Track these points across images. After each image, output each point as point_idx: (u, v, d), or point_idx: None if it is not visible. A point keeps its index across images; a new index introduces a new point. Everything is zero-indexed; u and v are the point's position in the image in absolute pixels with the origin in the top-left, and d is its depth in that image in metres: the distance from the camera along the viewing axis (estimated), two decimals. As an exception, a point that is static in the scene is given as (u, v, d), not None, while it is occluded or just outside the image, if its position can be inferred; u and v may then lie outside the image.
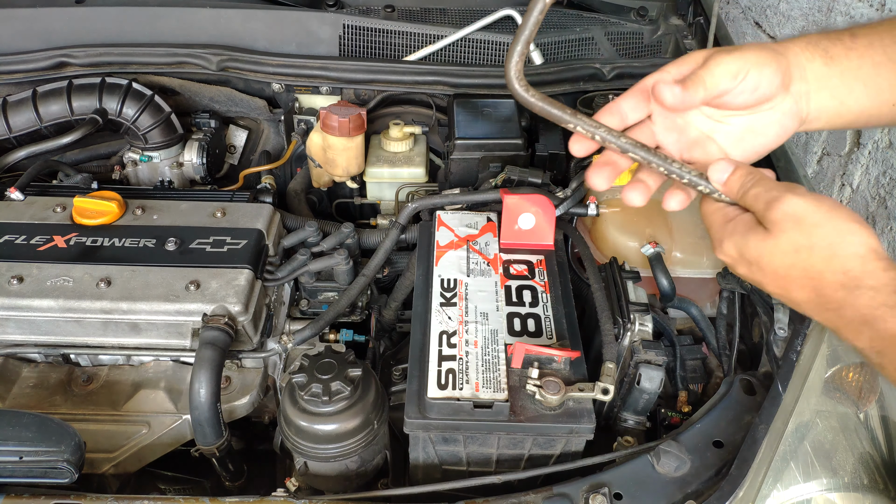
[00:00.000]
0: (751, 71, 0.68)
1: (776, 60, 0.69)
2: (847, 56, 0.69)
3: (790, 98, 0.71)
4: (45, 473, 0.84)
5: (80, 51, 1.44)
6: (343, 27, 1.51)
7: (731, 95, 0.70)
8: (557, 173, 1.40)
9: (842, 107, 0.72)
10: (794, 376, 0.92)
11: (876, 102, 0.72)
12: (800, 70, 0.70)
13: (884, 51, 0.69)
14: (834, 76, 0.70)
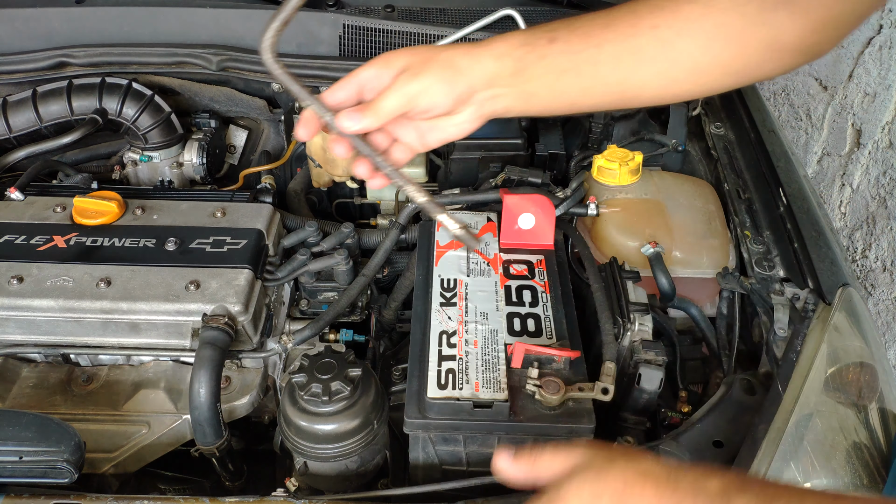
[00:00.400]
0: (423, 95, 0.74)
1: (453, 82, 0.74)
2: (538, 64, 0.75)
3: (472, 106, 0.77)
4: (44, 473, 0.84)
5: (80, 51, 1.44)
6: (343, 27, 1.51)
7: (409, 112, 0.77)
8: (557, 173, 1.40)
9: (527, 106, 0.80)
10: (793, 376, 0.91)
11: (557, 103, 0.80)
12: (487, 80, 0.75)
13: (570, 58, 0.75)
14: (522, 83, 0.76)
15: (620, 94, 0.80)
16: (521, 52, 0.75)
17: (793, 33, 0.76)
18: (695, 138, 1.49)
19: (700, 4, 0.76)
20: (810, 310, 0.99)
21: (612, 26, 0.76)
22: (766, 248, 1.15)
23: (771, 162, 1.25)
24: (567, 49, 0.75)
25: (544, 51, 0.75)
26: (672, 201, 1.25)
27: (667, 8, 0.76)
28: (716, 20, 0.76)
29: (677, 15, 0.76)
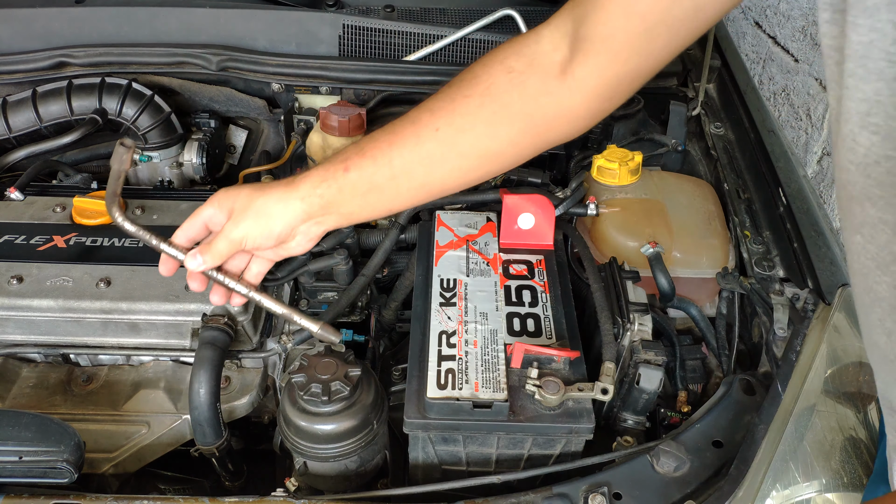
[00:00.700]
0: (248, 239, 0.82)
1: (270, 227, 0.82)
2: (341, 194, 0.82)
3: (298, 236, 0.85)
4: (44, 473, 0.84)
5: (79, 51, 1.44)
6: (343, 27, 1.51)
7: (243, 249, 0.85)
8: (557, 173, 1.40)
9: (350, 221, 0.87)
10: (793, 376, 0.92)
11: (376, 213, 0.88)
12: (301, 219, 0.83)
13: (367, 180, 0.81)
14: (334, 211, 0.83)
15: (427, 194, 0.85)
16: (322, 189, 0.81)
17: (578, 100, 0.78)
18: (695, 138, 1.49)
19: (477, 96, 0.79)
20: (810, 310, 1.00)
21: (397, 142, 0.80)
22: (766, 248, 1.15)
23: (771, 162, 1.25)
24: (361, 174, 0.80)
25: (342, 182, 0.81)
26: (672, 201, 1.25)
27: (444, 108, 0.79)
28: (494, 107, 0.79)
29: (455, 113, 0.79)
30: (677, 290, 1.13)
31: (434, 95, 0.81)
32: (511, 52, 0.79)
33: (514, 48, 0.79)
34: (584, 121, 0.81)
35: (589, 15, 0.74)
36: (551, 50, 0.78)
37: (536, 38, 0.79)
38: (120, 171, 0.88)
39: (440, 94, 0.81)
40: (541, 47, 0.79)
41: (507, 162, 0.84)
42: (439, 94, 0.81)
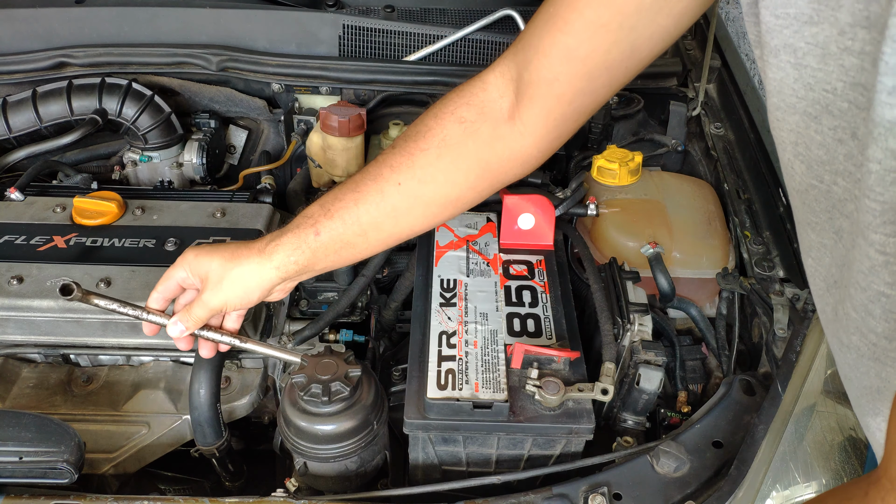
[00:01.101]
0: (228, 305, 0.85)
1: (247, 294, 0.85)
2: (314, 256, 0.84)
3: (276, 292, 0.89)
4: (44, 474, 0.84)
5: (79, 51, 1.44)
6: (343, 27, 1.51)
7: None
8: (557, 173, 1.40)
9: (320, 273, 0.90)
10: (793, 377, 0.92)
11: (351, 262, 0.91)
12: (277, 282, 0.86)
13: (338, 239, 0.84)
14: (310, 271, 0.86)
15: (396, 240, 0.89)
16: (296, 256, 0.84)
17: (528, 142, 0.82)
18: (695, 138, 1.49)
19: (434, 148, 0.82)
20: (810, 310, 1.00)
21: (362, 199, 0.83)
22: (766, 249, 1.15)
23: (771, 162, 1.25)
24: (332, 235, 0.84)
25: (314, 246, 0.84)
26: (672, 201, 1.25)
27: (404, 163, 0.83)
28: (451, 157, 0.82)
29: (415, 167, 0.82)
30: (677, 290, 1.13)
31: (390, 149, 0.84)
32: (461, 102, 0.82)
33: (463, 98, 0.82)
34: (535, 159, 0.85)
35: (531, 61, 0.77)
36: (498, 97, 0.81)
37: (483, 86, 0.82)
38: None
39: (397, 148, 0.84)
40: (488, 95, 0.82)
41: (467, 204, 0.88)
42: (396, 149, 0.84)
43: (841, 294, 0.59)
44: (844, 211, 0.56)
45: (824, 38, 0.50)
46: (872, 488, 0.47)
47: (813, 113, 0.54)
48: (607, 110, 1.44)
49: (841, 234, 0.57)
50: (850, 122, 0.51)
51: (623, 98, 1.48)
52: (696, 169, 1.44)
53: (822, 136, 0.55)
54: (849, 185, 0.54)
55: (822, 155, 0.55)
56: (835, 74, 0.51)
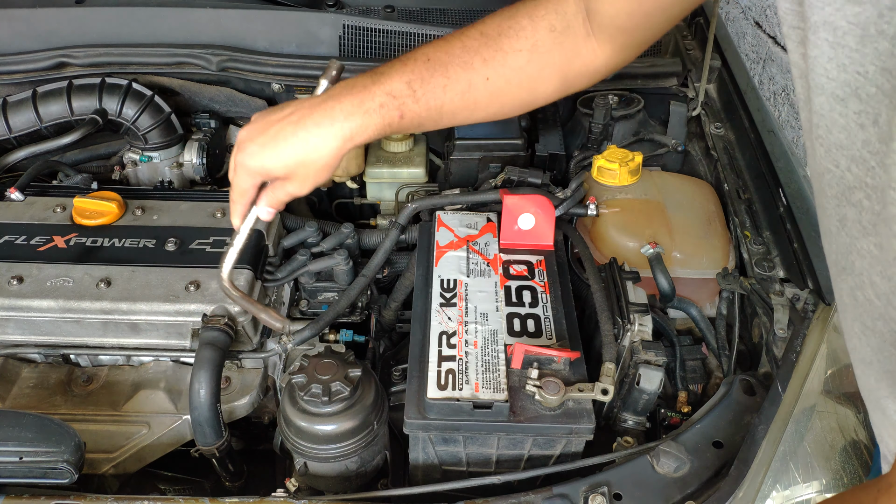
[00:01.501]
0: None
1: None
2: (389, 132, 0.88)
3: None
4: (44, 474, 0.84)
5: (80, 51, 1.44)
6: (343, 27, 1.51)
7: None
8: (557, 173, 1.40)
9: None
10: (793, 377, 0.92)
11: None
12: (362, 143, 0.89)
13: (419, 124, 0.88)
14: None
15: (463, 123, 0.94)
16: (379, 132, 0.86)
17: (600, 61, 0.89)
18: (695, 138, 1.49)
19: (526, 51, 0.87)
20: (810, 310, 1.00)
21: (450, 87, 0.86)
22: (766, 249, 1.15)
23: (771, 162, 1.25)
24: (412, 118, 0.86)
25: (396, 126, 0.87)
26: (672, 202, 1.25)
27: (496, 60, 0.86)
28: (540, 64, 0.88)
29: (506, 65, 0.87)
30: (677, 290, 1.13)
31: (480, 35, 0.86)
32: (551, 7, 0.87)
33: (552, 3, 0.87)
34: (602, 75, 0.92)
35: None
36: (577, 12, 0.86)
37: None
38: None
39: (489, 37, 0.86)
40: (570, 8, 0.87)
41: (536, 107, 0.94)
42: (488, 38, 0.86)
43: (857, 280, 0.58)
44: (852, 199, 0.55)
45: (865, 18, 0.49)
46: (884, 496, 0.46)
47: (841, 95, 0.54)
48: (608, 110, 1.44)
49: (844, 222, 0.57)
50: (874, 107, 0.51)
51: (623, 98, 1.48)
52: (696, 169, 1.44)
53: (845, 119, 0.54)
54: (860, 173, 0.54)
55: (842, 139, 0.55)
56: (869, 57, 0.50)
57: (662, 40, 1.60)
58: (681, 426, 0.94)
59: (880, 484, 0.47)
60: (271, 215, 0.92)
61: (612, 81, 1.48)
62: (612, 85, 1.49)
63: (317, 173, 0.85)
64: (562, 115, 1.53)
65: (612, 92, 1.49)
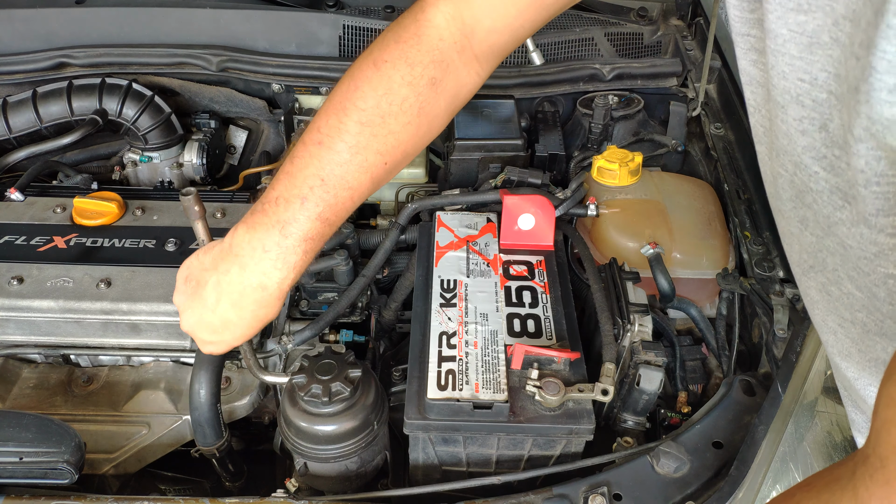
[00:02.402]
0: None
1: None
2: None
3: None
4: (45, 474, 0.84)
5: (80, 51, 1.44)
6: (343, 28, 1.51)
7: None
8: (557, 174, 1.40)
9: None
10: (793, 377, 0.92)
11: None
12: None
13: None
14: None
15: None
16: (308, 263, 0.85)
17: (483, 74, 0.88)
18: (695, 139, 1.49)
19: (414, 119, 0.83)
20: (810, 310, 1.00)
21: (356, 191, 0.84)
22: (766, 249, 1.15)
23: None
24: (333, 230, 0.86)
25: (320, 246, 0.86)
26: (672, 202, 1.25)
27: (389, 143, 0.83)
28: (429, 116, 0.85)
29: (399, 142, 0.83)
30: (677, 290, 1.13)
31: (363, 127, 0.81)
32: (427, 60, 0.82)
33: (427, 55, 0.82)
34: (479, 87, 0.91)
35: (472, 5, 0.82)
36: (452, 43, 0.84)
37: (438, 34, 0.83)
38: (197, 221, 0.93)
39: (373, 127, 0.81)
40: (444, 44, 0.83)
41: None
42: (373, 128, 0.81)
43: (826, 277, 0.59)
44: (805, 201, 0.56)
45: (815, 27, 0.49)
46: (860, 467, 0.46)
47: (780, 102, 0.54)
48: (607, 110, 1.44)
49: (806, 223, 0.58)
50: (823, 113, 0.51)
51: (623, 98, 1.48)
52: (696, 169, 1.44)
53: (786, 125, 0.55)
54: (805, 178, 0.55)
55: (784, 144, 0.56)
56: (818, 64, 0.50)
57: (662, 41, 1.60)
58: (681, 426, 0.94)
59: (857, 457, 0.47)
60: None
61: (612, 81, 1.49)
62: (611, 85, 1.49)
63: (269, 321, 0.88)
64: (562, 116, 1.53)
65: (611, 92, 1.49)
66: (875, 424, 0.45)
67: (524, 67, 1.50)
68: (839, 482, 0.48)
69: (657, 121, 1.54)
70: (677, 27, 1.61)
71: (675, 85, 1.51)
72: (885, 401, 0.44)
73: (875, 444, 0.45)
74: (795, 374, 0.92)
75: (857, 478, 0.46)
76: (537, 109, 1.52)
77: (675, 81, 1.51)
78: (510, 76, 1.48)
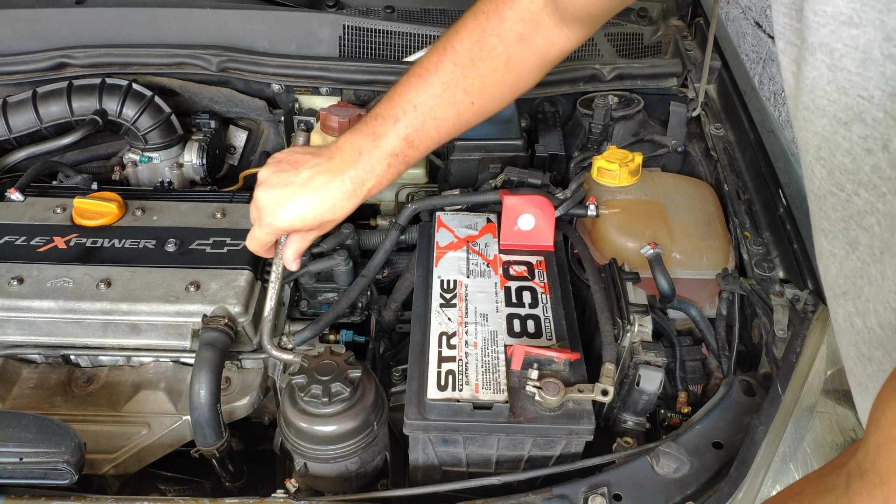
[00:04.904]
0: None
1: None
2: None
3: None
4: (45, 475, 0.84)
5: (80, 51, 1.44)
6: (343, 28, 1.51)
7: None
8: (557, 174, 1.40)
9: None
10: (793, 377, 0.92)
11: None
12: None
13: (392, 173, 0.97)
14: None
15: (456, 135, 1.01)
16: (390, 182, 0.97)
17: (575, 39, 0.95)
18: (695, 139, 1.49)
19: (501, 67, 0.92)
20: (810, 311, 1.00)
21: (443, 128, 0.96)
22: (766, 249, 1.15)
23: (771, 163, 1.26)
24: (416, 159, 0.97)
25: (403, 171, 0.97)
26: (672, 202, 1.25)
27: (476, 87, 0.93)
28: (517, 69, 0.94)
29: (486, 89, 0.93)
30: (677, 291, 1.13)
31: (455, 67, 0.91)
32: (516, 17, 0.90)
33: (516, 12, 0.90)
34: (572, 50, 0.97)
35: None
36: (542, 6, 0.90)
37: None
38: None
39: (463, 69, 0.91)
40: (535, 6, 0.90)
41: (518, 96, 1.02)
42: (464, 70, 0.91)
43: (856, 306, 0.57)
44: (863, 223, 0.54)
45: (866, 41, 0.48)
46: (857, 481, 0.45)
47: (843, 118, 0.52)
48: (607, 111, 1.44)
49: (856, 245, 0.56)
50: (883, 133, 0.49)
51: (623, 99, 1.48)
52: (696, 169, 1.44)
53: (849, 143, 0.52)
54: (871, 198, 0.52)
55: (846, 163, 0.53)
56: (873, 81, 0.48)
57: (662, 41, 1.60)
58: (680, 427, 0.94)
59: (850, 469, 0.46)
60: (298, 265, 1.02)
61: (612, 82, 1.49)
62: (611, 86, 1.49)
63: (334, 223, 0.97)
64: (562, 116, 1.53)
65: (612, 92, 1.49)
66: (875, 439, 0.44)
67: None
68: (832, 492, 0.47)
69: (657, 121, 1.54)
70: (677, 27, 1.61)
71: (675, 85, 1.51)
72: (890, 417, 0.43)
73: (874, 460, 0.44)
74: (795, 374, 0.92)
75: (852, 491, 0.45)
76: (537, 110, 1.52)
77: (675, 82, 1.51)
78: (510, 76, 1.48)
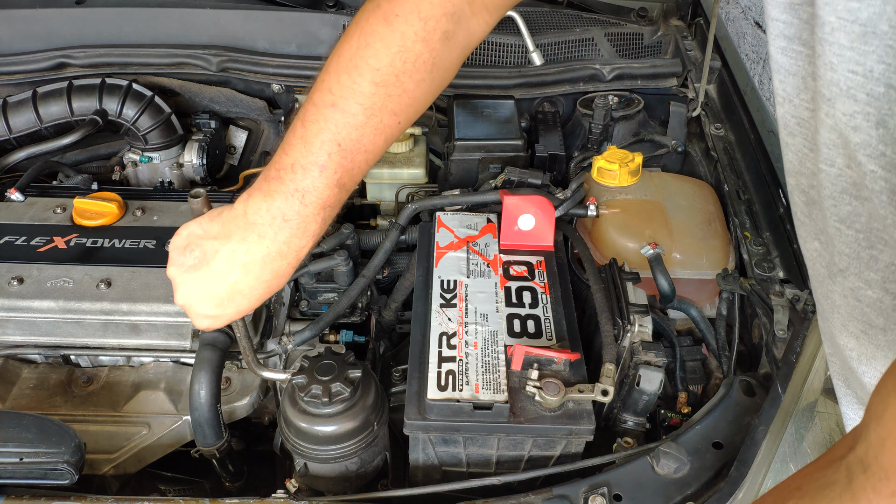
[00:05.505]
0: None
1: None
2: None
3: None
4: (45, 475, 0.84)
5: (80, 51, 1.44)
6: (343, 28, 1.51)
7: None
8: (557, 174, 1.40)
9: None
10: (793, 377, 0.92)
11: None
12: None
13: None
14: None
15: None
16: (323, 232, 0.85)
17: (491, 22, 0.86)
18: (695, 139, 1.49)
19: (427, 75, 0.80)
20: (810, 311, 1.00)
21: (370, 153, 0.83)
22: (766, 250, 1.15)
23: (771, 163, 1.26)
24: (348, 194, 0.87)
25: (327, 217, 0.84)
26: (672, 202, 1.25)
27: (403, 102, 0.81)
28: (442, 70, 0.83)
29: (414, 100, 0.82)
30: (677, 291, 1.13)
31: (377, 87, 0.79)
32: (440, 13, 0.78)
33: (440, 7, 0.79)
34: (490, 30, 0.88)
35: None
36: None
37: None
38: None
39: (388, 87, 0.79)
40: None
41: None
42: (388, 88, 0.79)
43: (864, 279, 0.56)
44: (860, 196, 0.53)
45: (870, 14, 0.45)
46: (860, 475, 0.43)
47: (827, 95, 0.50)
48: (607, 111, 1.44)
49: (851, 221, 0.55)
50: (878, 108, 0.47)
51: (623, 99, 1.48)
52: (696, 169, 1.44)
53: (833, 119, 0.51)
54: (859, 175, 0.51)
55: (833, 139, 0.52)
56: (874, 55, 0.46)
57: (662, 41, 1.60)
58: (681, 427, 0.94)
59: (851, 463, 0.44)
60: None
61: (612, 82, 1.49)
62: (611, 86, 1.49)
63: (277, 289, 0.85)
64: (562, 116, 1.53)
65: (612, 92, 1.49)
66: (877, 433, 0.43)
67: (524, 68, 1.50)
68: (833, 487, 0.46)
69: (657, 121, 1.54)
70: (677, 27, 1.61)
71: (675, 85, 1.51)
72: (893, 411, 0.42)
73: (878, 454, 0.42)
74: (795, 374, 0.92)
75: (855, 486, 0.44)
76: (537, 110, 1.52)
77: (675, 82, 1.51)
78: (510, 76, 1.48)
